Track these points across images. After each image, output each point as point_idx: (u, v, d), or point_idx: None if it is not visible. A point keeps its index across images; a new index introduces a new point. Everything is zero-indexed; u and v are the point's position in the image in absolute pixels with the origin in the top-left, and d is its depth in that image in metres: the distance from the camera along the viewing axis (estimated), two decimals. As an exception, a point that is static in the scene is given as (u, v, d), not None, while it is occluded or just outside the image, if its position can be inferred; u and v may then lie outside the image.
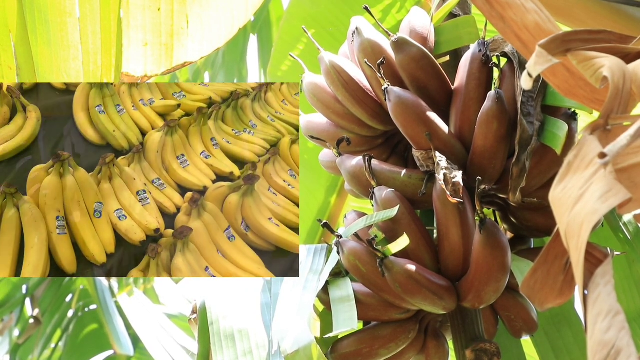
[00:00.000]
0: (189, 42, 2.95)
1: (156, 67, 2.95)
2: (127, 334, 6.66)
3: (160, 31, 2.93)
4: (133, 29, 2.90)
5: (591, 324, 1.33)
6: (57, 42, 2.75)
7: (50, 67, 2.75)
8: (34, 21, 2.74)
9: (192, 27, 2.95)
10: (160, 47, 2.93)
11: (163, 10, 2.92)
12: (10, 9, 2.73)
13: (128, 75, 2.93)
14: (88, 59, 2.76)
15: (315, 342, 2.21)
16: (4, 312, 7.02)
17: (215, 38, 3.00)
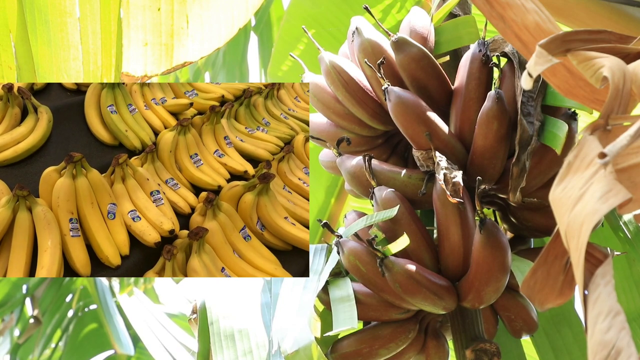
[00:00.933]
0: (189, 42, 2.95)
1: (156, 67, 2.95)
2: (127, 333, 6.66)
3: (160, 31, 2.93)
4: (133, 29, 2.90)
5: (591, 324, 1.33)
6: (57, 42, 2.75)
7: (50, 67, 2.75)
8: (34, 21, 2.74)
9: (192, 27, 2.95)
10: (160, 47, 2.93)
11: (163, 10, 2.92)
12: (10, 9, 2.73)
13: (128, 75, 2.93)
14: (88, 59, 2.76)
15: (315, 342, 2.21)
16: (4, 312, 7.02)
17: (215, 38, 3.00)
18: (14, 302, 6.97)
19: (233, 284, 2.58)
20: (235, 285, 2.57)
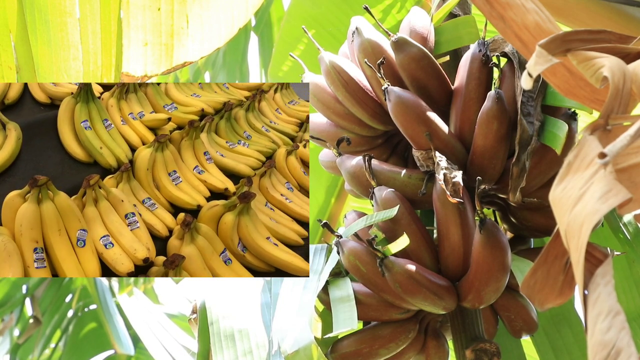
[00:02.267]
0: (189, 42, 2.95)
1: (156, 67, 2.95)
2: (127, 333, 6.66)
3: (160, 31, 2.93)
4: (133, 29, 2.91)
5: (591, 324, 1.33)
6: (57, 42, 2.75)
7: (50, 67, 2.75)
8: (34, 21, 2.74)
9: (192, 27, 2.95)
10: (160, 47, 2.93)
11: (163, 10, 2.92)
12: (10, 9, 2.73)
13: (128, 75, 2.93)
14: (88, 59, 2.76)
15: (315, 342, 2.21)
16: (4, 312, 7.02)
17: (215, 38, 3.00)
18: (13, 302, 6.97)
19: (233, 284, 2.58)
20: (235, 285, 2.57)
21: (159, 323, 5.93)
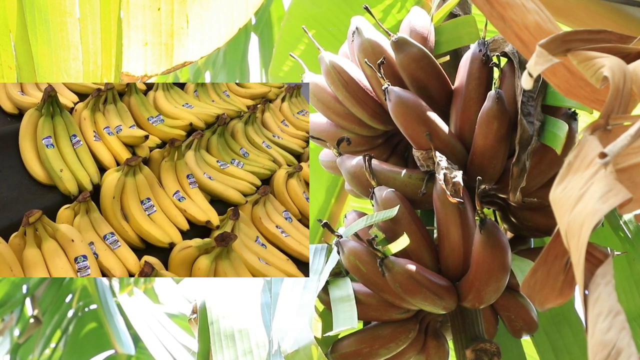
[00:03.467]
0: (189, 42, 2.95)
1: (156, 67, 2.95)
2: (127, 333, 6.66)
3: (160, 31, 2.93)
4: (133, 29, 2.91)
5: (592, 324, 1.33)
6: (57, 42, 2.75)
7: (50, 67, 2.75)
8: (34, 21, 2.74)
9: (192, 27, 2.95)
10: (160, 47, 2.93)
11: (163, 10, 2.92)
12: (10, 9, 2.73)
13: (128, 75, 2.93)
14: (88, 59, 2.76)
15: (315, 342, 2.21)
16: (4, 312, 7.02)
17: (215, 38, 3.00)
18: (14, 302, 6.96)
19: (233, 284, 2.58)
20: (235, 285, 2.57)
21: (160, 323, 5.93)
